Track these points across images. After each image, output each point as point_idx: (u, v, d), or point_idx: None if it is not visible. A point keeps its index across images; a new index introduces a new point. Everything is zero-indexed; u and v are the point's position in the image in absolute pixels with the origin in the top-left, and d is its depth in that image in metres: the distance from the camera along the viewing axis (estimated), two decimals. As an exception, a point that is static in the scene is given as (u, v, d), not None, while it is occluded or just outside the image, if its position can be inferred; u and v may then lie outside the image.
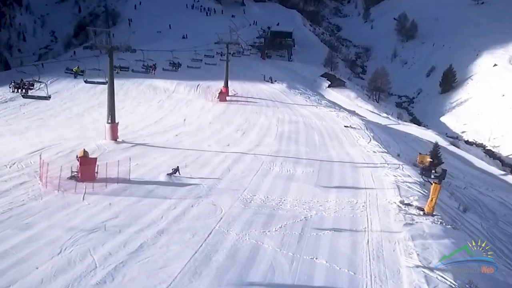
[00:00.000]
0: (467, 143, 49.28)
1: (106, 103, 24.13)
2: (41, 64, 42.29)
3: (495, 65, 63.03)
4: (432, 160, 15.91)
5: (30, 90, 19.77)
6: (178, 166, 18.09)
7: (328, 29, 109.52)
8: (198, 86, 43.06)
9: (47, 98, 19.85)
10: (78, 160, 16.31)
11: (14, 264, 10.13)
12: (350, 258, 11.78)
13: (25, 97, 19.95)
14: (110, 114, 22.97)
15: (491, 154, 47.12)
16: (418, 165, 17.91)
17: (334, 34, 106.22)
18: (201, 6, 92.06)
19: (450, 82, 64.09)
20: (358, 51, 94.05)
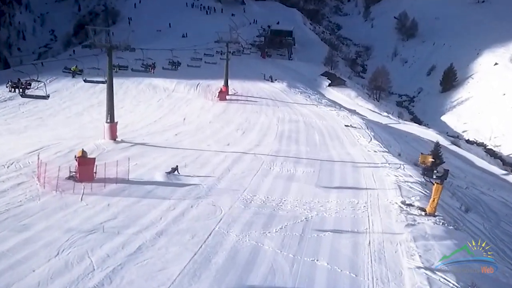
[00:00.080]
0: (468, 142, 49.18)
1: (105, 102, 23.99)
2: (41, 63, 42.23)
3: (496, 64, 62.85)
4: (434, 160, 15.76)
5: (28, 90, 19.54)
6: (177, 165, 18.01)
7: (328, 27, 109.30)
8: (198, 85, 42.90)
9: (46, 97, 19.72)
10: (76, 160, 16.21)
11: (10, 266, 9.99)
12: (352, 260, 11.65)
13: (23, 96, 19.78)
14: (109, 114, 22.85)
15: (492, 154, 47.05)
16: (419, 165, 17.76)
17: (334, 32, 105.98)
18: (201, 4, 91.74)
19: (450, 81, 63.97)
20: (358, 50, 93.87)
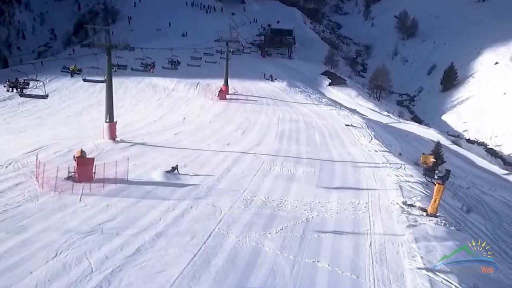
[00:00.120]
0: (469, 142, 49.06)
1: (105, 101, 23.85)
2: (40, 62, 42.06)
3: (497, 63, 62.68)
4: (435, 160, 15.65)
5: (26, 89, 19.40)
6: (177, 165, 17.89)
7: (328, 27, 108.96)
8: (198, 84, 42.76)
9: (45, 97, 19.58)
10: (75, 160, 16.07)
11: (7, 268, 9.87)
12: (353, 261, 11.54)
13: (22, 96, 19.67)
14: (108, 113, 22.70)
15: (493, 153, 46.89)
16: (420, 165, 17.65)
17: (335, 32, 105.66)
18: (201, 3, 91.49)
19: (451, 80, 63.85)
20: (358, 49, 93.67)
